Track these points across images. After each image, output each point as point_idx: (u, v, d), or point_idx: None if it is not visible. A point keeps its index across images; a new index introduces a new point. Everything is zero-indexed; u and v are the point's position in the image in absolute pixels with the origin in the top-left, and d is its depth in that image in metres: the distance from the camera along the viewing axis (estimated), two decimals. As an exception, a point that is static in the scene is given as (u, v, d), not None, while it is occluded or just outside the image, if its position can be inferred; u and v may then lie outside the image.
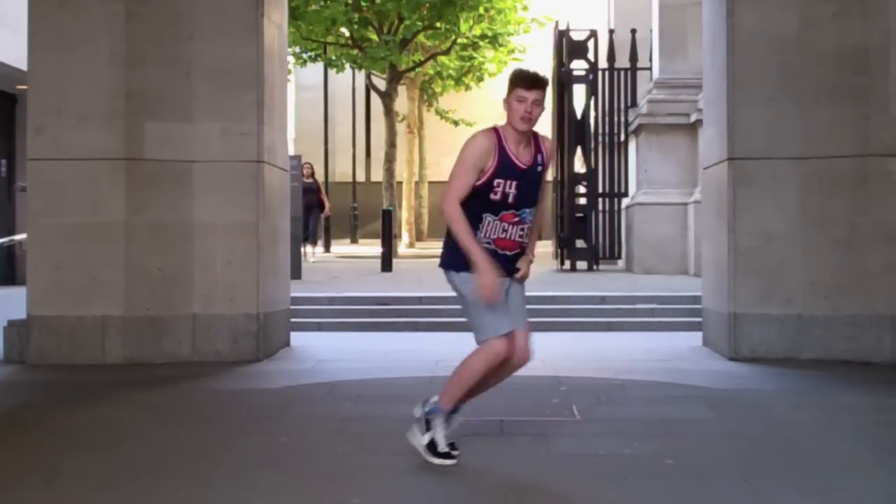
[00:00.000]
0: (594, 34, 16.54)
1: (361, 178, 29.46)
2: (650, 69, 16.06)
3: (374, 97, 24.96)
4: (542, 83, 4.51)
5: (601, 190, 16.13)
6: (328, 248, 23.19)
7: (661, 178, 15.25)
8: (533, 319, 4.85)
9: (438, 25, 21.28)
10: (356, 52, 22.12)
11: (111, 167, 7.83)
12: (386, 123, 22.18)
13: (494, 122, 4.80)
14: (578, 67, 16.58)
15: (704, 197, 9.09)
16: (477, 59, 24.43)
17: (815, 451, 4.96)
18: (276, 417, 5.82)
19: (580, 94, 16.61)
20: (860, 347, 7.72)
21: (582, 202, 16.41)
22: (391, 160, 22.15)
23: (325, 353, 8.45)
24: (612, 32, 16.57)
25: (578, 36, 16.58)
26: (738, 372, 7.39)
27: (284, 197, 8.89)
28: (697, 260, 12.81)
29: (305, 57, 23.19)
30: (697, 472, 4.58)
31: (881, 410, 5.96)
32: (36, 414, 6.06)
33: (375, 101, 24.86)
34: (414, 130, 25.62)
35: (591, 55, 16.36)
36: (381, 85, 23.23)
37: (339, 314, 10.70)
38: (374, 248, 20.71)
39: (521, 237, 4.60)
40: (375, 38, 21.43)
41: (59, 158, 7.82)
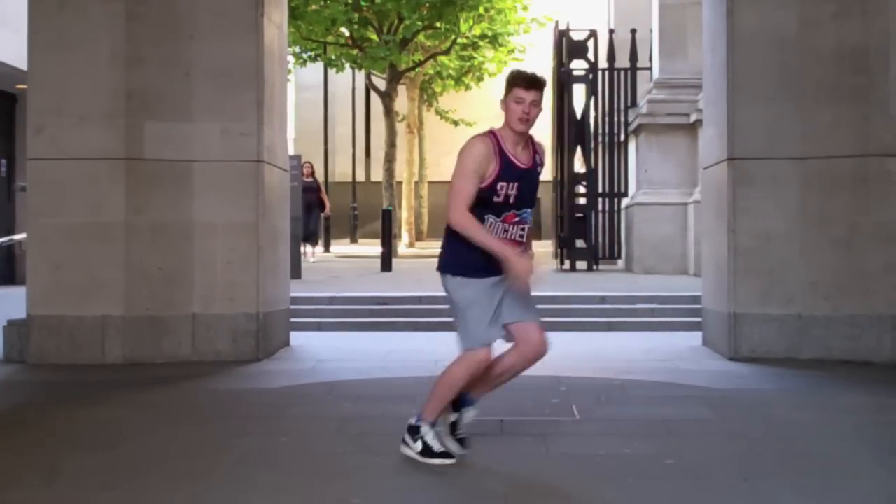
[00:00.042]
0: (594, 34, 16.54)
1: (361, 178, 29.48)
2: (650, 69, 16.06)
3: (374, 97, 24.96)
4: (539, 84, 4.53)
5: (601, 190, 16.13)
6: (328, 247, 23.19)
7: (660, 178, 15.25)
8: (533, 319, 4.85)
9: (438, 25, 21.28)
10: (356, 52, 22.12)
11: (111, 167, 7.83)
12: (386, 123, 22.18)
13: (494, 121, 4.81)
14: (578, 67, 16.58)
15: (704, 197, 9.09)
16: (477, 59, 24.43)
17: (815, 451, 4.96)
18: (276, 417, 5.82)
19: (580, 94, 16.61)
20: (860, 347, 7.72)
21: (582, 202, 16.40)
22: (391, 160, 22.15)
23: (325, 353, 8.45)
24: (612, 32, 16.56)
25: (578, 36, 16.57)
26: (737, 372, 7.39)
27: (284, 197, 8.90)
28: (697, 260, 12.81)
29: (305, 57, 23.19)
30: (697, 472, 4.58)
31: (881, 410, 5.96)
32: (36, 414, 6.06)
33: (375, 101, 24.86)
34: (414, 130, 25.61)
35: (591, 55, 16.36)
36: (381, 85, 23.22)
37: (339, 314, 10.70)
38: (373, 248, 20.71)
39: (520, 237, 4.62)
40: (375, 38, 21.43)
41: (59, 158, 7.82)
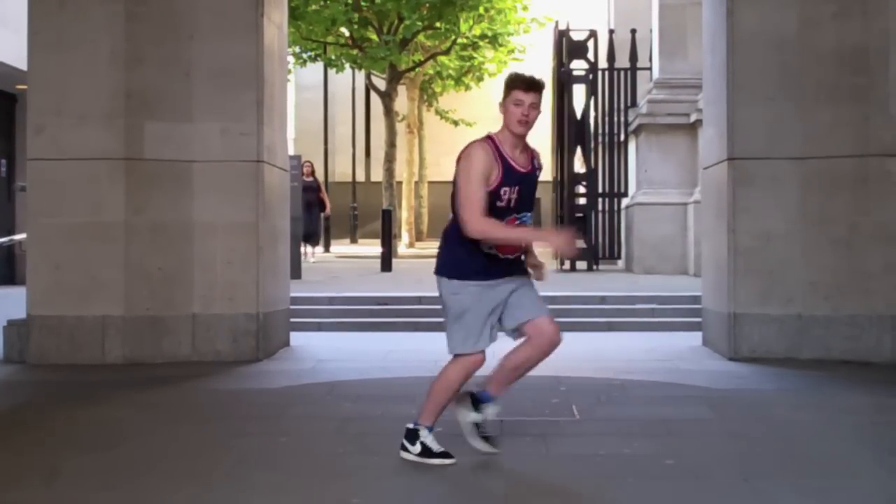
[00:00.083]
0: (594, 34, 16.54)
1: (361, 178, 29.47)
2: (650, 69, 16.06)
3: (374, 97, 24.95)
4: (538, 86, 4.53)
5: (601, 190, 16.13)
6: (328, 248, 23.18)
7: (660, 178, 15.25)
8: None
9: (438, 25, 21.28)
10: (356, 52, 22.11)
11: (111, 167, 7.83)
12: (386, 123, 22.17)
13: (494, 121, 4.81)
14: (578, 67, 16.58)
15: (704, 197, 9.09)
16: (477, 59, 24.43)
17: (815, 451, 4.96)
18: (276, 417, 5.82)
19: (580, 94, 16.61)
20: (860, 347, 7.72)
21: (582, 202, 16.40)
22: (391, 160, 22.15)
23: (324, 353, 8.45)
24: (612, 32, 16.56)
25: (578, 36, 16.57)
26: (737, 372, 7.39)
27: (284, 197, 8.90)
28: (697, 260, 12.81)
29: (305, 57, 23.18)
30: (697, 472, 4.58)
31: (881, 410, 5.96)
32: (36, 414, 6.06)
33: (375, 101, 24.86)
34: (414, 130, 25.60)
35: (590, 55, 16.36)
36: (381, 85, 23.22)
37: (338, 314, 10.70)
38: (373, 248, 20.71)
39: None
40: (375, 38, 21.43)
41: (59, 158, 7.82)
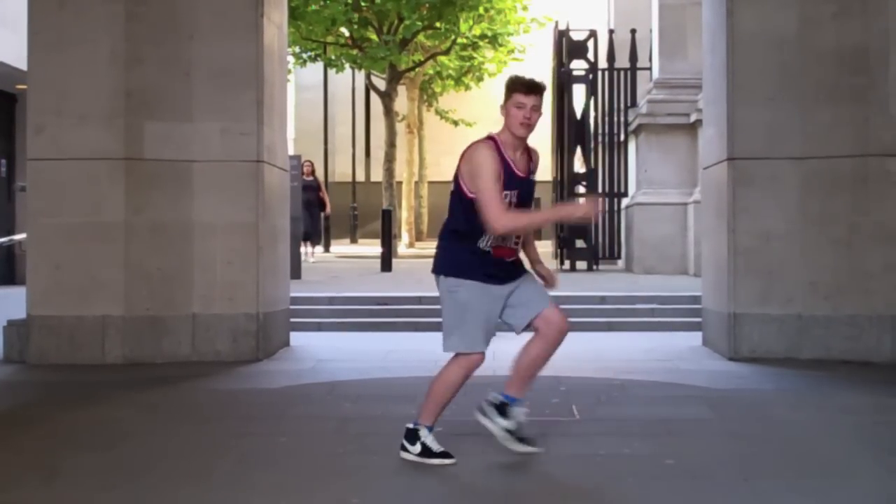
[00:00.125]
0: (594, 34, 16.54)
1: (361, 178, 29.48)
2: (650, 69, 16.06)
3: (373, 97, 24.95)
4: (540, 89, 4.56)
5: (601, 190, 16.12)
6: (328, 248, 23.18)
7: (660, 178, 15.24)
8: (533, 319, 4.85)
9: (438, 25, 21.28)
10: (356, 52, 22.11)
11: (111, 167, 7.83)
12: (386, 123, 22.17)
13: (494, 122, 4.81)
14: (578, 67, 16.58)
15: (704, 197, 9.09)
16: (477, 59, 24.43)
17: (814, 451, 4.96)
18: (276, 417, 5.82)
19: (580, 94, 16.61)
20: (860, 347, 7.72)
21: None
22: (391, 160, 22.15)
23: (324, 353, 8.45)
24: (611, 32, 16.56)
25: (578, 36, 16.57)
26: (737, 372, 7.39)
27: (284, 196, 8.90)
28: (697, 260, 12.81)
29: (305, 57, 23.18)
30: (697, 472, 4.58)
31: (881, 410, 5.96)
32: (36, 414, 6.06)
33: (375, 101, 24.86)
34: (414, 130, 25.60)
35: (590, 55, 16.36)
36: (380, 85, 23.22)
37: (338, 314, 10.70)
38: (373, 248, 20.71)
39: (515, 244, 4.68)
40: (375, 38, 21.42)
41: (58, 158, 7.82)
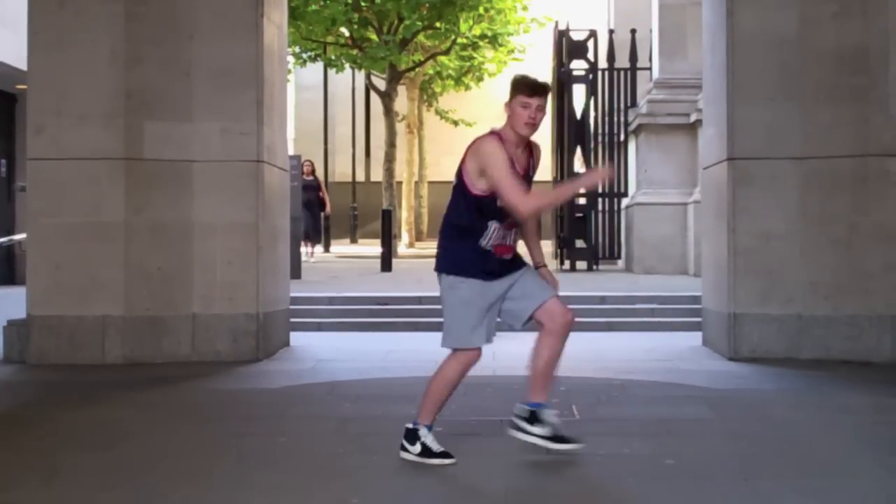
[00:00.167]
0: (594, 34, 16.54)
1: (361, 178, 29.45)
2: (650, 69, 16.06)
3: (373, 97, 24.94)
4: (545, 89, 4.61)
5: (601, 190, 16.11)
6: (328, 247, 23.18)
7: (660, 178, 15.24)
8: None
9: (438, 25, 21.27)
10: (356, 52, 22.11)
11: (111, 167, 7.83)
12: (386, 123, 22.17)
13: (494, 122, 4.82)
14: (578, 67, 16.57)
15: (704, 197, 9.08)
16: (477, 59, 24.42)
17: (814, 451, 4.96)
18: (275, 417, 5.82)
19: (580, 94, 16.61)
20: (860, 347, 7.72)
21: (582, 202, 16.40)
22: (391, 160, 22.15)
23: (325, 353, 8.45)
24: (611, 32, 16.56)
25: (578, 36, 16.57)
26: (737, 372, 7.39)
27: (284, 196, 8.90)
28: (697, 260, 12.81)
29: (305, 57, 23.17)
30: (697, 472, 4.58)
31: (881, 410, 5.96)
32: (36, 414, 6.06)
33: (375, 101, 24.85)
34: (414, 130, 25.60)
35: (590, 55, 16.36)
36: (380, 85, 23.21)
37: (338, 314, 10.70)
38: (373, 248, 20.70)
39: (513, 241, 4.72)
40: (375, 38, 21.42)
41: (58, 158, 7.82)
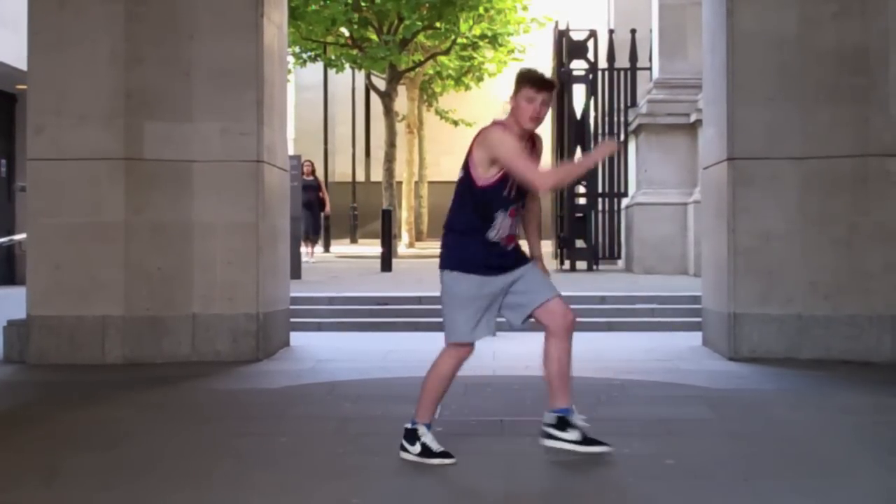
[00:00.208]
0: (594, 34, 16.54)
1: (361, 178, 29.46)
2: (650, 69, 16.06)
3: (373, 97, 24.95)
4: (551, 85, 4.62)
5: (601, 190, 16.13)
6: (328, 247, 23.19)
7: (660, 178, 15.24)
8: (533, 319, 4.85)
9: (438, 25, 21.28)
10: (356, 52, 22.11)
11: (111, 167, 7.83)
12: (386, 123, 22.18)
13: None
14: (578, 67, 16.58)
15: (704, 197, 9.08)
16: (477, 59, 24.43)
17: (814, 451, 4.96)
18: (275, 417, 5.81)
19: (580, 94, 16.61)
20: (860, 347, 7.72)
21: (582, 202, 16.41)
22: (391, 160, 22.15)
23: (324, 353, 8.45)
24: (611, 32, 16.57)
25: (578, 36, 16.57)
26: (737, 372, 7.39)
27: (284, 196, 8.90)
28: (697, 260, 12.81)
29: (305, 57, 23.18)
30: (697, 472, 4.58)
31: (881, 410, 5.96)
32: (36, 414, 6.06)
33: (375, 101, 24.86)
34: (414, 130, 25.61)
35: (590, 55, 16.37)
36: (380, 85, 23.22)
37: (338, 314, 10.70)
38: (373, 248, 20.70)
39: (515, 231, 4.72)
40: (375, 38, 21.43)
41: (58, 158, 7.82)
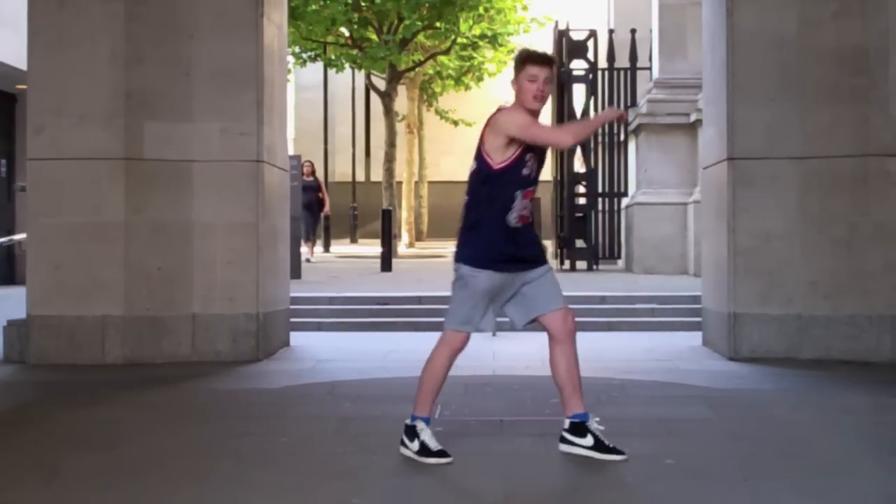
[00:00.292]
0: (594, 34, 16.54)
1: (361, 177, 29.48)
2: (650, 69, 16.06)
3: (373, 97, 24.95)
4: (551, 61, 4.61)
5: (601, 190, 16.13)
6: (328, 247, 23.18)
7: (660, 178, 15.24)
8: (533, 319, 4.85)
9: (438, 25, 21.28)
10: (356, 52, 22.11)
11: (111, 167, 7.83)
12: (386, 123, 22.18)
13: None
14: (578, 67, 16.58)
15: (704, 197, 9.09)
16: (477, 58, 24.44)
17: (814, 451, 4.96)
18: (276, 417, 5.82)
19: (580, 94, 16.61)
20: (860, 347, 7.72)
21: (582, 202, 16.40)
22: (391, 160, 22.15)
23: (324, 353, 8.45)
24: (611, 32, 16.56)
25: (578, 36, 16.57)
26: (737, 372, 7.39)
27: (284, 196, 8.90)
28: (697, 260, 12.81)
29: (305, 57, 23.18)
30: (697, 472, 4.58)
31: (881, 410, 5.96)
32: (36, 414, 6.06)
33: (375, 101, 24.86)
34: (414, 130, 25.61)
35: (590, 55, 16.36)
36: (380, 85, 23.22)
37: (338, 314, 10.69)
38: (373, 248, 20.70)
39: (531, 212, 4.71)
40: (375, 38, 21.43)
41: (58, 158, 7.82)
